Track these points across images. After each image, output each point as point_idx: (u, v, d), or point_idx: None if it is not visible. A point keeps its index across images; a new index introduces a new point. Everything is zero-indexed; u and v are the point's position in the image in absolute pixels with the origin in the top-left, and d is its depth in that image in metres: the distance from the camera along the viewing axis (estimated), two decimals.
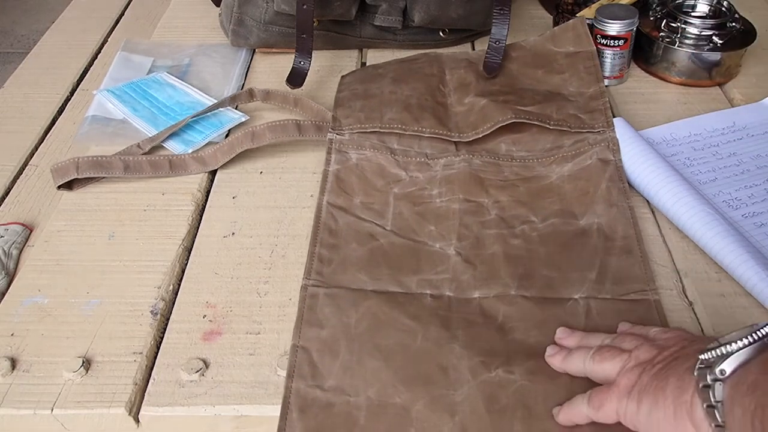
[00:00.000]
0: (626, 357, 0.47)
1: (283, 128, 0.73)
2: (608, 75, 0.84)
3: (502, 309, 0.57)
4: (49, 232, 0.67)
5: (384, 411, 0.50)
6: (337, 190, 0.67)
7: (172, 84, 0.86)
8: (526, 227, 0.64)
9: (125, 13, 1.06)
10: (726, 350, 0.39)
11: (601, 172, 0.68)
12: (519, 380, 0.51)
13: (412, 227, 0.64)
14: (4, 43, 2.42)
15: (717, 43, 0.81)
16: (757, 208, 0.66)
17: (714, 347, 0.40)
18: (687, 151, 0.73)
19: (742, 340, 0.39)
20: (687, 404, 0.40)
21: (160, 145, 0.76)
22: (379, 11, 0.87)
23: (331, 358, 0.53)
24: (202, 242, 0.65)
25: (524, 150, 0.72)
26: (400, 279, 0.59)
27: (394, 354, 0.53)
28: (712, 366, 0.39)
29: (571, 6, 0.90)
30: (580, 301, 0.57)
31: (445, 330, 0.55)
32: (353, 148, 0.71)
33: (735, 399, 0.38)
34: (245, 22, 0.88)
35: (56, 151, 0.78)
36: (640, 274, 0.59)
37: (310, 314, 0.56)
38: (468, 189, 0.67)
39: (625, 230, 0.63)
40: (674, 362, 0.43)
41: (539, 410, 0.49)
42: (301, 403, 0.50)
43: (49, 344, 0.56)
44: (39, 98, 0.87)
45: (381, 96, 0.76)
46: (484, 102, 0.74)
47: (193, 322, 0.58)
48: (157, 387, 0.53)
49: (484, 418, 0.49)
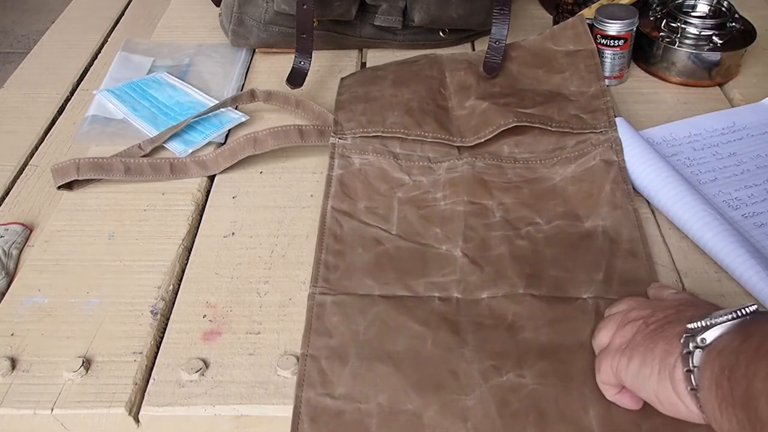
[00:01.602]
0: (618, 319, 0.50)
1: (286, 134, 0.73)
2: (608, 75, 0.83)
3: (512, 308, 0.57)
4: (49, 232, 0.67)
5: (395, 418, 0.50)
6: (341, 195, 0.67)
7: (172, 84, 0.86)
8: (531, 229, 0.64)
9: (125, 13, 1.06)
10: (711, 322, 0.42)
11: (605, 174, 0.68)
12: (531, 384, 0.51)
13: (418, 230, 0.64)
14: (4, 43, 2.42)
15: (717, 43, 0.81)
16: (757, 208, 0.66)
17: (702, 319, 0.43)
18: (687, 151, 0.73)
19: (728, 314, 0.42)
20: (670, 367, 0.43)
21: (160, 145, 0.76)
22: (379, 11, 0.87)
23: (340, 366, 0.53)
24: (202, 242, 0.65)
25: (527, 152, 0.71)
26: (408, 282, 0.59)
27: (404, 360, 0.53)
28: (695, 335, 0.42)
29: (571, 6, 0.90)
30: (588, 300, 0.57)
31: (454, 334, 0.55)
32: (356, 152, 0.71)
33: (707, 363, 0.41)
34: (245, 22, 0.88)
35: (56, 151, 0.78)
36: (646, 277, 0.59)
37: (318, 323, 0.56)
38: (472, 191, 0.67)
39: (630, 233, 0.63)
40: (667, 325, 0.46)
41: (551, 414, 0.49)
42: (312, 412, 0.50)
43: (49, 344, 0.56)
44: (39, 98, 0.87)
45: (382, 99, 0.76)
46: (485, 105, 0.74)
47: (193, 322, 0.58)
48: (157, 387, 0.53)
49: (496, 422, 0.49)
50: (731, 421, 0.38)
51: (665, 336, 0.45)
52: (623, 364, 0.46)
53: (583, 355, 0.53)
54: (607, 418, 0.49)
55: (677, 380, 0.43)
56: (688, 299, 0.51)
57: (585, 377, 0.51)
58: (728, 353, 0.40)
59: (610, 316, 0.52)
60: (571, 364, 0.52)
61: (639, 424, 0.49)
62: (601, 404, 0.50)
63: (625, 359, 0.46)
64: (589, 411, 0.49)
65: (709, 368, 0.41)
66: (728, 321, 0.42)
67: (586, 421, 0.49)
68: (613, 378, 0.48)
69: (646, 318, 0.48)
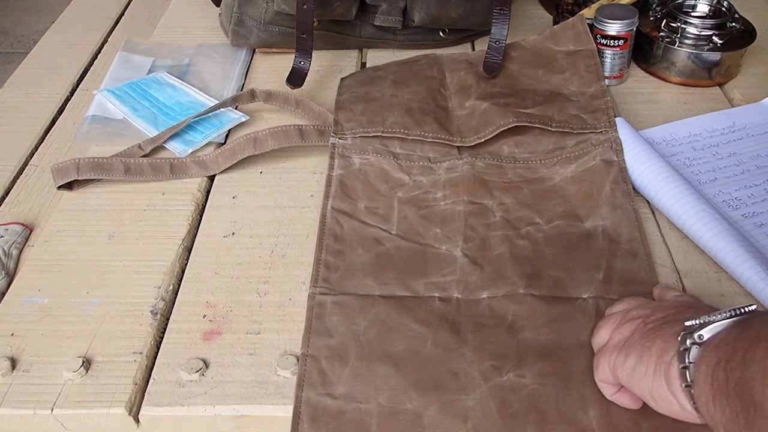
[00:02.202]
0: (618, 318, 0.50)
1: (286, 134, 0.73)
2: (608, 75, 0.83)
3: (512, 308, 0.57)
4: (49, 232, 0.67)
5: (396, 417, 0.50)
6: (342, 195, 0.67)
7: (172, 84, 0.86)
8: (531, 229, 0.64)
9: (125, 13, 1.06)
10: (708, 319, 0.43)
11: (605, 174, 0.68)
12: (531, 384, 0.51)
13: (418, 230, 0.64)
14: (4, 43, 2.42)
15: (717, 43, 0.81)
16: (757, 208, 0.66)
17: (701, 316, 0.43)
18: (687, 151, 0.73)
19: (727, 312, 0.43)
20: (666, 364, 0.44)
21: (160, 145, 0.76)
22: (379, 11, 0.87)
23: (340, 366, 0.53)
24: (202, 242, 0.65)
25: (527, 151, 0.71)
26: (408, 283, 0.59)
27: (405, 360, 0.53)
28: (692, 332, 0.43)
29: (571, 6, 0.90)
30: (589, 300, 0.57)
31: (454, 334, 0.55)
32: (356, 152, 0.71)
33: (702, 358, 0.41)
34: (245, 22, 0.88)
35: (56, 151, 0.78)
36: (646, 277, 0.59)
37: (318, 323, 0.56)
38: (472, 191, 0.67)
39: (630, 233, 0.63)
40: (665, 325, 0.46)
41: (552, 414, 0.49)
42: (312, 412, 0.50)
43: (49, 344, 0.56)
44: (39, 98, 0.87)
45: (382, 99, 0.76)
46: (485, 105, 0.74)
47: (193, 322, 0.58)
48: (157, 387, 0.53)
49: (496, 422, 0.49)
50: (724, 412, 0.38)
51: (663, 335, 0.45)
52: (620, 362, 0.47)
53: (583, 355, 0.53)
54: (607, 418, 0.49)
55: (672, 377, 0.43)
56: (690, 301, 0.51)
57: (585, 377, 0.51)
58: (725, 345, 0.40)
59: (610, 315, 0.53)
60: (571, 364, 0.52)
61: (639, 424, 0.49)
62: (601, 404, 0.50)
63: (622, 356, 0.47)
64: (589, 411, 0.49)
65: (705, 362, 0.41)
66: (726, 318, 0.42)
67: (586, 421, 0.49)
68: (610, 376, 0.48)
69: (645, 317, 0.48)
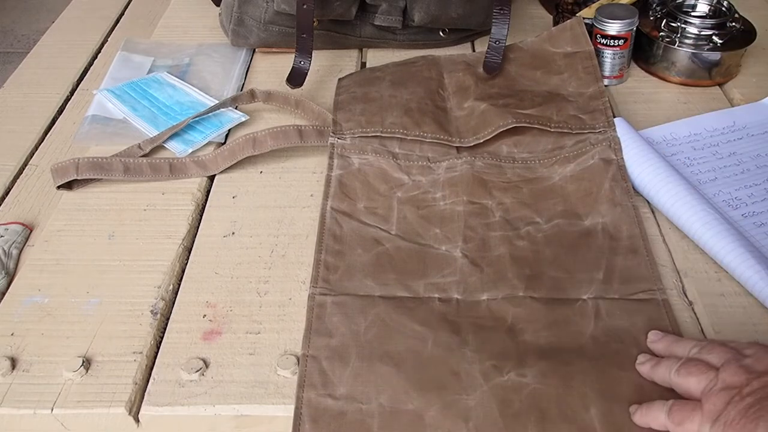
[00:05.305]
0: (712, 376, 0.46)
1: (285, 134, 0.73)
2: (608, 75, 0.84)
3: (511, 311, 0.57)
4: (49, 232, 0.67)
5: (397, 418, 0.50)
6: (341, 195, 0.67)
7: (172, 84, 0.86)
8: (531, 228, 0.64)
9: (125, 13, 1.06)
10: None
11: (604, 172, 0.68)
12: (532, 384, 0.51)
13: (417, 231, 0.64)
14: (4, 43, 2.42)
15: (717, 42, 0.81)
16: (757, 208, 0.66)
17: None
18: (687, 151, 0.73)
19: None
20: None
21: (160, 145, 0.76)
22: (379, 11, 0.87)
23: (341, 366, 0.53)
24: (202, 242, 0.65)
25: (526, 151, 0.71)
26: (408, 283, 0.59)
27: (405, 360, 0.53)
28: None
29: (571, 6, 0.90)
30: (588, 301, 0.57)
31: (455, 335, 0.55)
32: (355, 152, 0.71)
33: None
34: (245, 21, 0.88)
35: (56, 151, 0.78)
36: (647, 274, 0.59)
37: (318, 323, 0.56)
38: (471, 191, 0.67)
39: (630, 229, 0.63)
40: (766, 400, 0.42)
41: (553, 413, 0.49)
42: (313, 412, 0.50)
43: (49, 344, 0.56)
44: (39, 98, 0.87)
45: (381, 100, 0.76)
46: (484, 106, 0.74)
47: (193, 322, 0.58)
48: (157, 387, 0.53)
49: (498, 422, 0.49)
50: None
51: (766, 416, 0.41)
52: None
53: (583, 355, 0.53)
54: (609, 416, 0.49)
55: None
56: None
57: (586, 377, 0.51)
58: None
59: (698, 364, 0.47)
60: (572, 363, 0.52)
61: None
62: (603, 403, 0.50)
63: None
64: (590, 410, 0.49)
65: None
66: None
67: (588, 420, 0.49)
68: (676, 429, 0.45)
69: (740, 387, 0.43)
